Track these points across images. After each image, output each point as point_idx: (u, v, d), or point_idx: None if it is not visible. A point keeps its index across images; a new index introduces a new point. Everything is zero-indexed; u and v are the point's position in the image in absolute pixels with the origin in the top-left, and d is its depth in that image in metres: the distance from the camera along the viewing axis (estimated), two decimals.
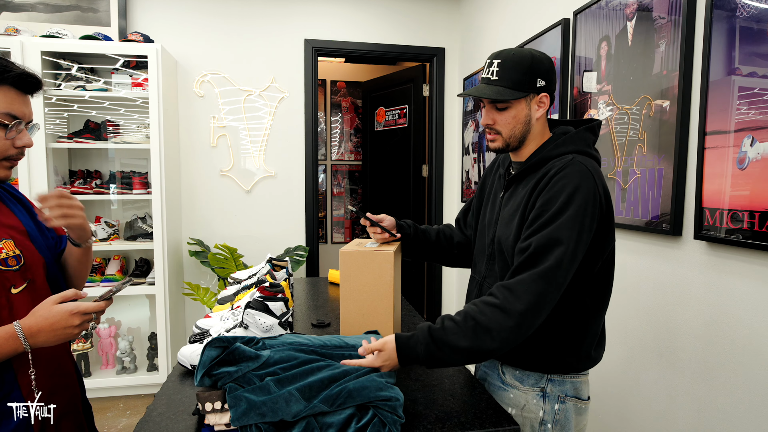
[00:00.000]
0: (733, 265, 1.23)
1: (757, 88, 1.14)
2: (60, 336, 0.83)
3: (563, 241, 0.90)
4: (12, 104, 0.87)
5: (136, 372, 2.78)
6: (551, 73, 1.04)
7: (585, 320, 1.03)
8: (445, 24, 3.29)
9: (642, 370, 1.55)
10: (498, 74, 1.03)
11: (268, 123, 3.09)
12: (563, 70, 1.96)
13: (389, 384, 0.88)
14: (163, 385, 1.07)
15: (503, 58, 1.03)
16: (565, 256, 0.90)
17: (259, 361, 0.84)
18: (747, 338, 1.19)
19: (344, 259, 1.11)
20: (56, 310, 0.82)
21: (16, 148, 0.90)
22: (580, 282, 0.98)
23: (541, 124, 1.07)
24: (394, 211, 3.69)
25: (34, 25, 2.63)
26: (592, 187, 0.94)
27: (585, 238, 0.93)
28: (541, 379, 1.05)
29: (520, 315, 0.88)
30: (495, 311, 0.89)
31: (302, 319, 1.55)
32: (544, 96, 1.04)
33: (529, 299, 0.88)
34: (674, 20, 1.39)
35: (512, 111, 1.03)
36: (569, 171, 0.95)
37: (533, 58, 1.02)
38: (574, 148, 1.02)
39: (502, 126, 1.05)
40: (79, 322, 0.83)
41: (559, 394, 1.04)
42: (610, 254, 1.03)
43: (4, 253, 0.91)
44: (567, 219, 0.91)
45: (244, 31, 3.02)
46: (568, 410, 1.05)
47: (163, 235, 2.63)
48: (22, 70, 0.89)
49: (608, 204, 0.98)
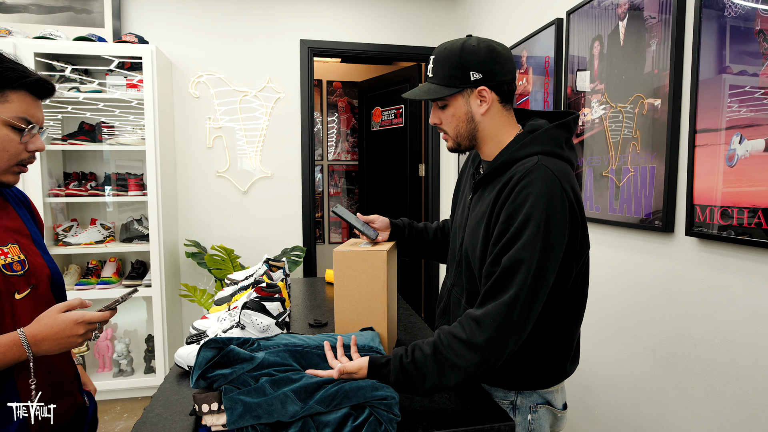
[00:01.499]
0: (724, 260, 1.24)
1: (748, 86, 1.15)
2: (64, 345, 0.83)
3: (524, 263, 0.83)
4: (28, 109, 0.89)
5: (133, 374, 2.78)
6: (489, 63, 0.93)
7: (558, 336, 0.98)
8: (441, 24, 3.30)
9: (636, 367, 1.57)
10: (432, 71, 0.97)
11: (264, 124, 3.09)
12: (557, 69, 1.97)
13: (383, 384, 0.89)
14: (160, 386, 1.08)
15: (437, 54, 0.96)
16: (527, 279, 0.83)
17: (253, 362, 0.85)
18: (739, 333, 1.20)
19: (338, 259, 1.12)
20: (61, 318, 0.82)
21: (28, 152, 0.91)
22: (554, 297, 0.92)
23: (494, 120, 0.98)
24: (390, 210, 3.71)
25: (26, 27, 2.63)
26: (558, 194, 0.85)
27: (554, 253, 0.85)
28: (509, 392, 1.02)
29: (486, 349, 0.83)
30: (462, 346, 0.84)
31: (299, 319, 1.56)
32: (483, 90, 0.94)
33: (492, 333, 0.83)
34: (665, 19, 1.40)
35: (451, 109, 0.97)
36: (532, 178, 0.86)
37: (463, 50, 0.93)
38: (540, 148, 0.92)
39: (446, 125, 1.00)
40: (83, 331, 0.83)
41: (530, 404, 1.01)
42: (584, 264, 0.96)
43: (9, 257, 0.90)
44: (529, 237, 0.83)
45: (239, 31, 3.01)
46: (542, 418, 1.01)
47: (160, 236, 2.63)
48: (39, 76, 0.91)
49: (580, 210, 0.90)
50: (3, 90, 0.85)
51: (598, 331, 1.76)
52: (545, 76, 2.07)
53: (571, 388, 1.90)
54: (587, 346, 1.80)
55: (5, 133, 0.86)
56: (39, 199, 2.46)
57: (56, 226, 2.68)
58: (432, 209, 3.39)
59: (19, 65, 0.89)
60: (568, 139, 0.97)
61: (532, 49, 2.19)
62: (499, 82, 0.95)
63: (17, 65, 0.88)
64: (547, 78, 2.05)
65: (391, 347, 1.21)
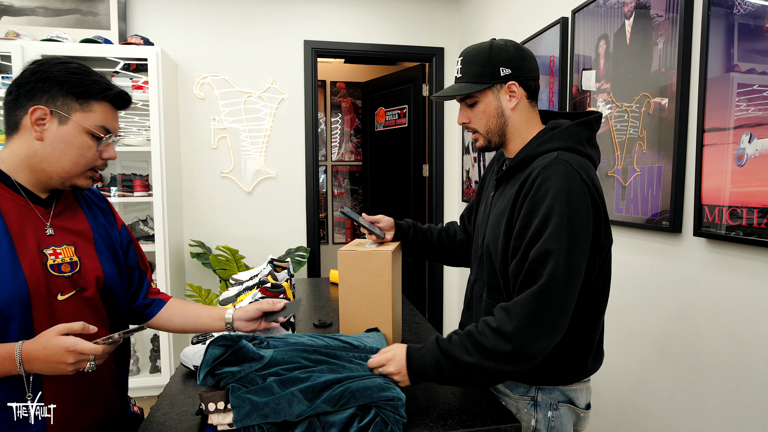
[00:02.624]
0: (733, 261, 1.23)
1: (757, 84, 1.14)
2: (54, 369, 0.79)
3: (552, 254, 0.83)
4: (107, 119, 0.93)
5: (139, 374, 2.79)
6: (517, 60, 0.97)
7: (579, 330, 0.96)
8: (444, 24, 3.30)
9: (643, 368, 1.56)
10: (461, 71, 1.00)
11: (269, 124, 3.10)
12: (562, 68, 1.97)
13: (391, 384, 0.89)
14: (166, 386, 1.08)
15: (465, 54, 1.00)
16: (556, 269, 0.83)
17: (262, 361, 0.85)
18: (748, 334, 1.19)
19: (342, 259, 1.12)
20: (55, 342, 0.78)
21: (102, 159, 0.94)
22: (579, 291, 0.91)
23: (522, 115, 1.01)
24: (394, 210, 3.70)
25: (34, 29, 2.64)
26: (579, 186, 0.86)
27: (581, 244, 0.85)
28: (530, 389, 1.00)
29: (516, 338, 0.83)
30: (493, 333, 0.85)
31: (304, 320, 1.56)
32: (512, 84, 0.97)
33: (520, 321, 0.83)
34: (672, 18, 1.39)
35: (481, 105, 1.00)
36: (551, 172, 0.88)
37: (492, 48, 0.97)
38: (561, 144, 0.94)
39: (476, 123, 1.02)
40: (73, 360, 0.78)
41: (551, 401, 0.99)
42: (607, 257, 0.96)
43: (60, 258, 0.90)
44: (554, 229, 0.84)
45: (243, 33, 3.02)
46: (563, 416, 1.00)
47: (165, 237, 2.64)
48: (120, 89, 0.95)
49: (602, 202, 0.91)
50: (88, 100, 0.90)
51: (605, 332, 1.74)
52: (550, 76, 2.06)
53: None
54: None
55: (85, 140, 0.90)
56: None
57: None
58: (436, 210, 3.38)
59: (103, 78, 0.93)
60: (590, 137, 0.99)
61: (536, 49, 2.18)
62: (527, 78, 0.99)
63: (102, 78, 0.93)
64: (552, 77, 2.05)
65: None
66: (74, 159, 0.90)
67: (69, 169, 0.90)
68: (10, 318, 0.83)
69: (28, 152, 0.88)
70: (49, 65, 0.89)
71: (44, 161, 0.89)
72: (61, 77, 0.87)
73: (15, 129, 0.89)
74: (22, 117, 0.88)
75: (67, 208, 0.98)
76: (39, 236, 0.89)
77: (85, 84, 0.89)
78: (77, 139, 0.89)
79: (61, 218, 0.95)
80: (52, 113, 0.87)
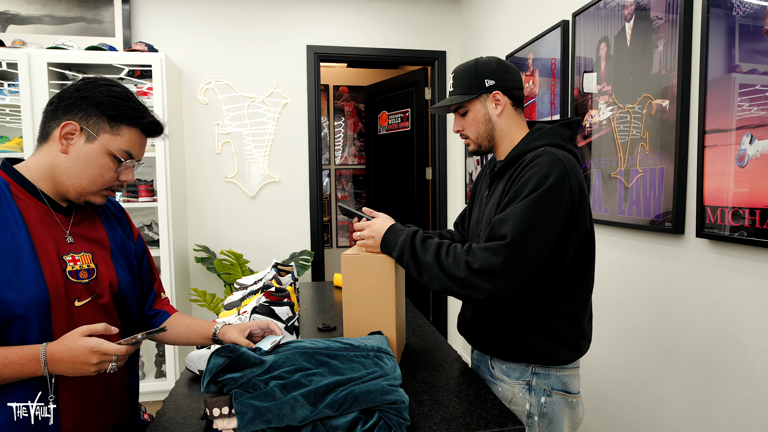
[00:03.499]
0: (736, 262, 1.23)
1: (758, 85, 1.14)
2: (78, 370, 0.81)
3: (514, 218, 0.95)
4: (133, 145, 0.95)
5: (144, 379, 2.80)
6: (500, 72, 1.11)
7: (554, 305, 1.05)
8: (446, 27, 3.31)
9: (646, 369, 1.55)
10: (453, 85, 1.15)
11: (272, 129, 3.12)
12: (563, 71, 1.97)
13: (394, 387, 0.89)
14: (172, 390, 1.09)
15: (455, 71, 1.15)
16: (517, 232, 0.94)
17: (263, 366, 0.86)
18: (751, 336, 1.19)
19: (346, 263, 1.13)
20: (80, 343, 0.80)
21: (119, 181, 0.96)
22: (549, 270, 1.01)
23: (508, 121, 1.13)
24: (398, 213, 3.71)
25: (40, 38, 2.68)
26: (561, 173, 0.97)
27: (545, 218, 0.95)
28: (526, 371, 1.08)
29: (471, 275, 0.96)
30: (457, 259, 0.99)
31: (308, 324, 1.57)
32: (497, 93, 1.11)
33: (481, 265, 0.95)
34: (672, 20, 1.39)
35: (471, 113, 1.13)
36: (540, 160, 0.99)
37: (477, 63, 1.12)
38: (547, 141, 1.06)
39: (468, 130, 1.15)
40: (96, 360, 0.80)
41: (545, 387, 1.07)
42: (586, 245, 1.06)
43: (78, 265, 0.92)
44: (527, 200, 0.96)
45: (246, 38, 3.05)
46: (556, 404, 1.07)
47: (170, 242, 2.66)
48: (154, 118, 0.97)
49: (581, 193, 1.01)
50: (119, 124, 0.92)
51: (609, 334, 1.74)
52: (552, 78, 2.06)
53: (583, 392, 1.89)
54: (598, 348, 1.79)
55: (106, 161, 0.92)
56: None
57: None
58: (440, 212, 3.38)
59: (140, 105, 0.96)
60: (572, 136, 1.11)
61: (538, 52, 2.19)
62: (510, 88, 1.12)
63: (139, 105, 0.95)
64: (553, 80, 2.05)
65: (400, 351, 1.21)
66: (92, 177, 0.92)
67: (86, 186, 0.92)
68: (30, 321, 0.85)
69: (52, 163, 0.91)
70: (93, 84, 0.92)
71: (64, 174, 0.91)
72: (100, 98, 0.90)
73: (45, 138, 0.92)
74: (54, 128, 0.90)
75: (86, 217, 1.00)
76: (59, 243, 0.92)
77: (121, 108, 0.92)
78: (99, 158, 0.91)
79: (80, 226, 0.97)
80: (81, 130, 0.90)
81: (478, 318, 1.17)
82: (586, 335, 1.11)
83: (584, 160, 1.84)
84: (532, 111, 2.25)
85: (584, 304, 1.09)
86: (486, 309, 1.14)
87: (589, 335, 1.11)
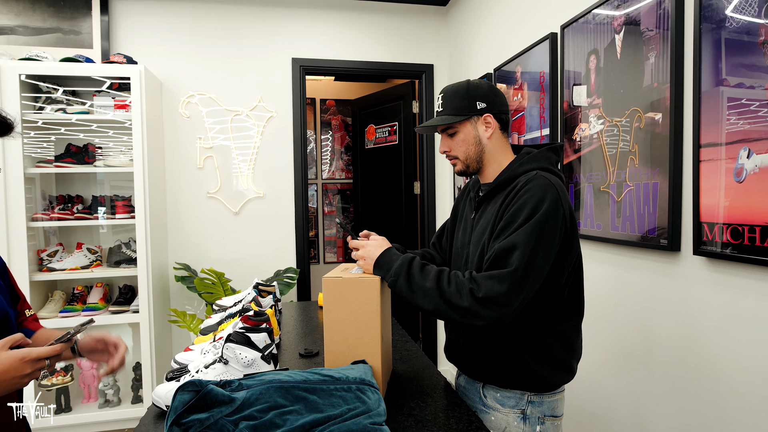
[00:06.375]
0: (735, 281, 1.18)
1: (745, 98, 1.11)
2: (8, 386, 0.76)
3: (519, 246, 0.95)
4: None
5: (120, 404, 2.66)
6: (491, 95, 1.12)
7: (550, 328, 1.05)
8: (434, 40, 3.29)
9: (645, 392, 1.48)
10: (442, 105, 1.14)
11: (256, 143, 3.04)
12: (552, 84, 1.94)
13: (377, 426, 0.81)
14: (135, 429, 0.99)
15: (445, 92, 1.14)
16: (522, 260, 0.94)
17: (233, 404, 0.77)
18: (753, 357, 1.13)
19: (327, 286, 1.05)
20: (5, 357, 0.75)
21: None
22: (545, 294, 1.02)
23: (496, 144, 1.13)
24: (386, 228, 3.64)
25: (13, 48, 2.58)
26: (555, 197, 0.98)
27: (546, 244, 0.96)
28: (522, 400, 1.08)
29: (475, 305, 0.94)
30: (459, 289, 0.97)
31: (290, 349, 1.48)
32: (488, 116, 1.11)
33: (486, 294, 0.94)
34: (662, 33, 1.36)
35: (461, 135, 1.12)
36: (534, 184, 1.00)
37: (469, 85, 1.12)
38: (538, 165, 1.07)
39: (456, 150, 1.14)
40: (30, 370, 0.76)
41: (539, 415, 1.08)
42: (577, 266, 1.07)
43: None
44: (527, 227, 0.96)
45: (230, 51, 2.99)
46: (548, 430, 1.08)
47: (148, 260, 2.55)
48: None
49: (571, 217, 1.02)
50: None
51: (604, 354, 1.68)
52: (541, 91, 2.03)
53: (577, 414, 1.81)
54: (593, 369, 1.72)
55: None
56: (22, 223, 2.38)
57: (40, 251, 2.59)
58: (428, 227, 3.32)
59: None
60: (557, 161, 1.14)
61: (526, 65, 2.16)
62: (499, 112, 1.13)
63: None
64: (542, 93, 2.02)
65: (386, 380, 1.13)
66: None
67: None
68: None
69: None
70: None
71: None
72: None
73: None
74: None
75: None
76: None
77: None
78: None
79: None
80: None
81: (472, 344, 1.13)
82: (578, 356, 1.12)
83: (575, 175, 1.79)
84: (521, 125, 2.21)
85: (577, 325, 1.11)
86: (481, 335, 1.10)
87: (579, 356, 1.13)
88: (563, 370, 1.08)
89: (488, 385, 1.12)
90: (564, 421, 1.18)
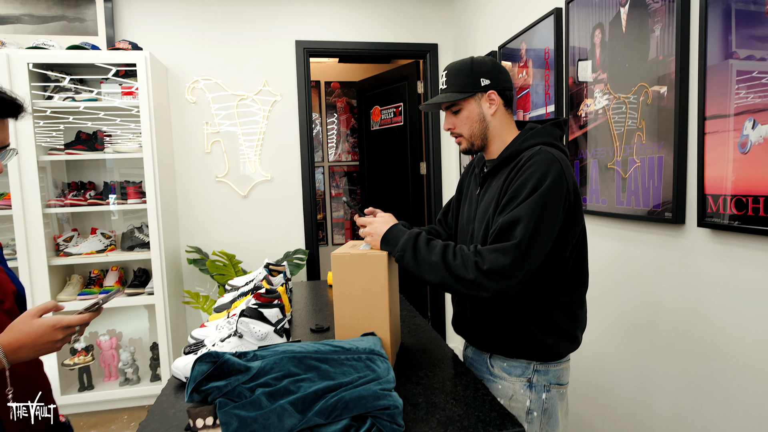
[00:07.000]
0: (739, 251, 1.19)
1: (756, 71, 1.10)
2: (41, 351, 0.81)
3: (522, 219, 0.96)
4: None
5: (140, 383, 2.76)
6: (495, 72, 1.11)
7: (554, 300, 1.08)
8: (438, 19, 3.26)
9: (649, 364, 1.52)
10: (446, 82, 1.14)
11: (262, 127, 3.06)
12: (557, 60, 1.92)
13: (387, 391, 0.85)
14: (157, 399, 1.05)
15: (449, 69, 1.14)
16: (526, 233, 0.95)
17: (249, 373, 0.81)
18: (759, 328, 1.15)
19: (336, 263, 1.08)
20: (37, 324, 0.80)
21: None
22: (549, 266, 1.04)
23: (500, 120, 1.14)
24: (393, 209, 3.66)
25: (20, 37, 2.61)
26: (558, 171, 0.99)
27: (550, 217, 0.97)
28: (528, 369, 1.10)
29: (480, 276, 0.96)
30: (465, 261, 0.99)
31: (301, 324, 1.53)
32: (492, 93, 1.11)
33: (490, 266, 0.95)
34: (668, 4, 1.35)
35: (465, 112, 1.13)
36: (538, 159, 1.01)
37: (473, 62, 1.12)
38: (542, 140, 1.08)
39: (460, 128, 1.14)
40: (62, 336, 0.81)
41: (545, 383, 1.10)
42: (580, 239, 1.08)
43: None
44: (531, 200, 0.97)
45: (233, 35, 2.99)
46: (554, 398, 1.11)
47: (160, 244, 2.61)
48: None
49: (575, 190, 1.03)
50: None
51: (609, 327, 1.71)
52: (545, 68, 2.02)
53: (583, 387, 1.86)
54: (599, 342, 1.76)
55: None
56: (38, 210, 2.44)
57: (57, 237, 2.66)
58: (435, 207, 3.34)
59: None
60: (562, 136, 1.14)
61: (531, 41, 2.14)
62: (503, 88, 1.13)
63: None
64: (547, 70, 2.01)
65: (395, 352, 1.17)
66: None
67: None
68: None
69: None
70: None
71: None
72: None
73: None
74: None
75: None
76: None
77: None
78: None
79: None
80: None
81: (478, 316, 1.16)
82: (582, 326, 1.14)
83: (580, 151, 1.79)
84: (527, 102, 2.21)
85: (581, 297, 1.12)
86: (487, 307, 1.13)
87: (584, 326, 1.15)
88: (568, 340, 1.10)
89: (495, 355, 1.15)
90: (569, 390, 1.21)
